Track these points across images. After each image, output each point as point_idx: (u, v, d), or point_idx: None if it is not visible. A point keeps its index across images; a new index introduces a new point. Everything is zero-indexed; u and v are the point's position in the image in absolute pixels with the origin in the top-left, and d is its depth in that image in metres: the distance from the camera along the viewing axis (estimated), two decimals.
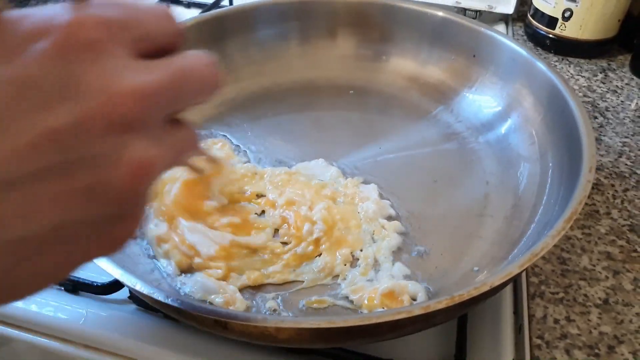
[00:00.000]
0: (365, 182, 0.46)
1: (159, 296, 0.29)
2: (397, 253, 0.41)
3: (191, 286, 0.37)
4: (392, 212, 0.44)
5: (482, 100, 0.53)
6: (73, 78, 0.17)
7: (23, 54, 0.17)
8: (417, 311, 0.27)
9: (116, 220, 0.19)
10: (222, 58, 0.55)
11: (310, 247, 0.40)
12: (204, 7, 0.74)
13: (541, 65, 0.47)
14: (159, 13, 0.21)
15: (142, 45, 0.20)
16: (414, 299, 0.37)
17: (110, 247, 0.20)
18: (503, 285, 0.29)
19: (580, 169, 0.35)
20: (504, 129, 0.50)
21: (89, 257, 0.20)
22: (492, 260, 0.39)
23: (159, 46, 0.20)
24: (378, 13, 0.57)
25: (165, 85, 0.19)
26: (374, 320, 0.27)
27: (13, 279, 0.18)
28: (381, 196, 0.45)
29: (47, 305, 0.39)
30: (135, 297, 0.39)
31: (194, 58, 0.21)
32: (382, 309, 0.36)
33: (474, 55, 0.53)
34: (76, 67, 0.17)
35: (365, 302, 0.36)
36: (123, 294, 0.39)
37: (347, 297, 0.37)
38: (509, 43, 0.51)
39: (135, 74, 0.18)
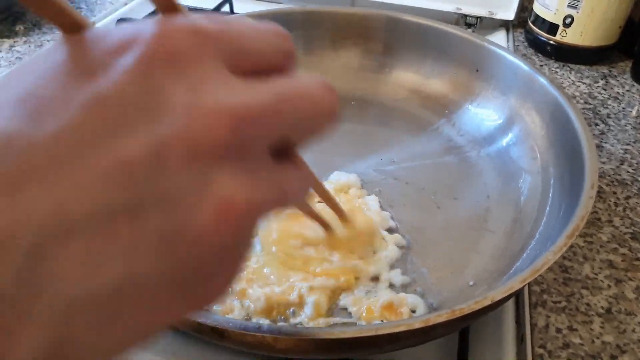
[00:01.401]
0: (366, 193, 0.46)
1: None
2: (397, 265, 0.40)
3: None
4: (392, 224, 0.43)
5: (483, 114, 0.53)
6: (157, 96, 0.14)
7: (102, 72, 0.14)
8: (418, 324, 0.27)
9: (203, 275, 0.15)
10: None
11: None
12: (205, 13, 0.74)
13: (543, 80, 0.47)
14: (266, 27, 0.18)
15: (245, 61, 0.16)
16: (414, 312, 0.37)
17: (192, 307, 0.16)
18: (504, 299, 0.29)
19: (582, 185, 0.35)
20: (505, 142, 0.50)
21: (166, 321, 0.15)
22: (492, 275, 0.39)
23: (265, 66, 0.17)
24: (382, 25, 0.57)
25: (271, 107, 0.15)
26: (373, 333, 0.27)
27: (69, 348, 0.13)
28: (381, 208, 0.45)
29: None
30: None
31: (308, 79, 0.17)
32: (380, 321, 0.35)
33: (477, 70, 0.53)
34: (162, 83, 0.14)
35: (364, 314, 0.36)
36: None
37: (345, 309, 0.37)
38: (512, 58, 0.51)
39: (236, 91, 0.15)
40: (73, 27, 0.15)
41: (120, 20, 0.70)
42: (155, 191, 0.13)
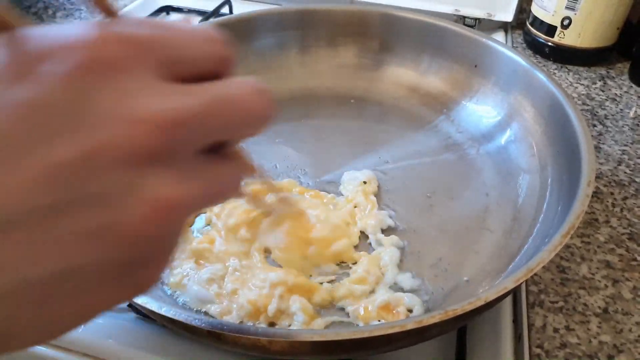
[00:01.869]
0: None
1: (152, 306, 0.29)
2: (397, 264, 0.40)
3: (187, 296, 0.38)
4: (390, 222, 0.43)
5: (482, 110, 0.53)
6: (87, 104, 0.15)
7: (34, 76, 0.15)
8: (411, 325, 0.27)
9: (136, 265, 0.17)
10: None
11: None
12: (204, 15, 0.74)
13: (542, 77, 0.47)
14: (201, 34, 0.18)
15: (177, 69, 0.17)
16: (410, 311, 0.37)
17: (128, 294, 0.18)
18: (498, 300, 0.29)
19: (579, 183, 0.35)
20: (504, 139, 0.50)
21: (104, 305, 0.17)
22: (490, 274, 0.39)
23: (200, 72, 0.18)
24: (378, 22, 0.57)
25: (201, 113, 0.17)
26: (366, 334, 0.27)
27: (15, 327, 0.15)
28: (379, 207, 0.45)
29: None
30: (134, 306, 0.39)
31: (240, 84, 0.18)
32: (377, 321, 0.36)
33: (476, 66, 0.53)
34: (92, 92, 0.15)
35: (361, 313, 0.36)
36: None
37: (342, 309, 0.37)
38: (511, 54, 0.51)
39: (164, 99, 0.16)
40: (4, 25, 0.16)
41: None
42: (86, 192, 0.15)
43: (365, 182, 0.46)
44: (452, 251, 0.42)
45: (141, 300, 0.30)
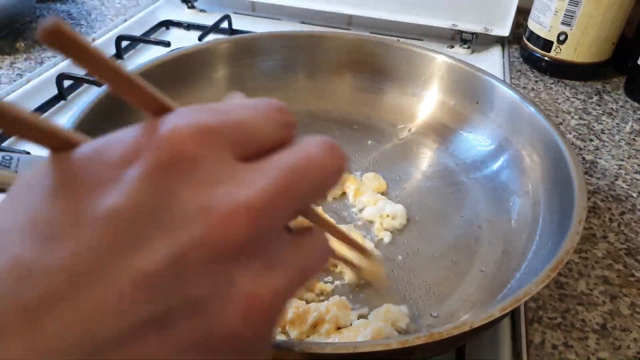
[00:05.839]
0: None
1: None
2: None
3: None
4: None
5: (478, 143, 0.53)
6: (169, 203, 0.14)
7: (110, 186, 0.14)
8: (395, 345, 0.27)
9: None
10: (233, 85, 0.56)
11: None
12: (204, 30, 0.75)
13: (542, 119, 0.46)
14: (264, 107, 0.18)
15: (249, 147, 0.17)
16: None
17: None
18: (484, 327, 0.29)
19: (570, 221, 0.35)
20: (500, 172, 0.50)
21: None
22: (475, 305, 0.39)
23: (270, 144, 0.17)
24: (382, 52, 0.57)
25: (281, 189, 0.16)
26: (350, 350, 0.27)
27: None
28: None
29: None
30: None
31: (308, 145, 0.18)
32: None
33: (477, 102, 0.53)
34: (173, 189, 0.14)
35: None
36: None
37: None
38: (512, 93, 0.50)
39: (242, 185, 0.15)
40: (62, 145, 0.15)
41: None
42: (179, 299, 0.14)
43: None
44: (442, 280, 0.41)
45: None
